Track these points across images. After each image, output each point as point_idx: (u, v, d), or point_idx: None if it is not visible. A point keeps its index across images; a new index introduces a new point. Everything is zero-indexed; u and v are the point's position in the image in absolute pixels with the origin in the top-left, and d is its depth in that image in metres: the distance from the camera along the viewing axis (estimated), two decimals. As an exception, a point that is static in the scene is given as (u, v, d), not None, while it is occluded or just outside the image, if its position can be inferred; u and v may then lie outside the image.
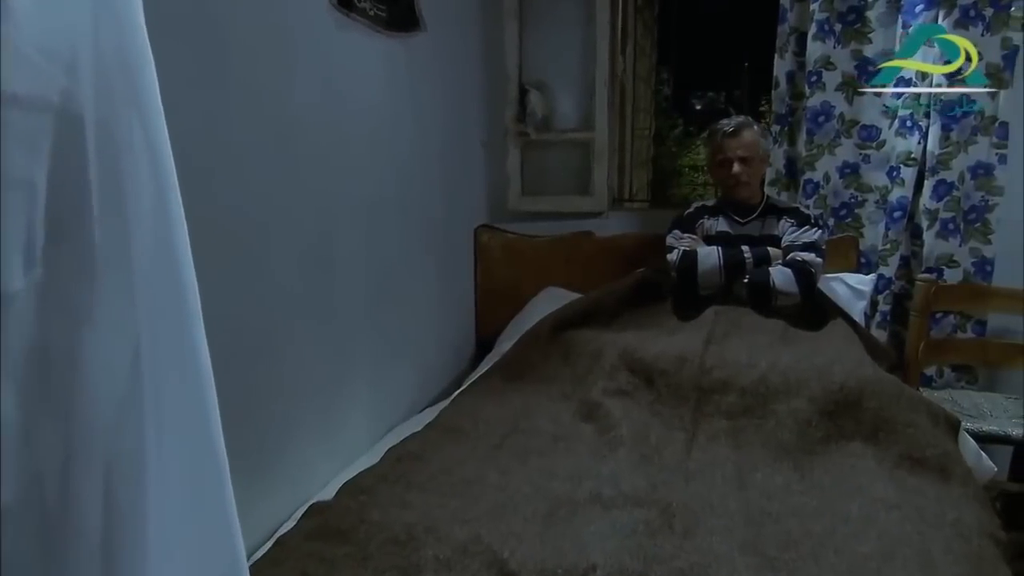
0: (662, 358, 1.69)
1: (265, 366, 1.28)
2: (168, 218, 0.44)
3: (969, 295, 2.18)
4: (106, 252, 0.37)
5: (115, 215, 0.39)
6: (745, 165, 2.01)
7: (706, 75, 5.97)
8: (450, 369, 2.30)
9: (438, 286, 2.18)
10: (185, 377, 0.47)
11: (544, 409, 1.68)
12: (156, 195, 0.42)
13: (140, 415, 0.41)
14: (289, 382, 1.36)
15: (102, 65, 0.37)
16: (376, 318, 1.74)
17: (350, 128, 1.57)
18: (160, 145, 0.43)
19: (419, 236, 2.00)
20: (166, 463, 0.43)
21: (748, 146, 2.00)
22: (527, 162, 2.55)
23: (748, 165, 2.01)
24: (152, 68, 0.42)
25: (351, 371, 1.62)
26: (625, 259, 2.37)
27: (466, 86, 2.36)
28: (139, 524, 0.40)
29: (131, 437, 0.40)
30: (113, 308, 0.38)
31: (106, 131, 0.38)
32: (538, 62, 2.48)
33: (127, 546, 0.40)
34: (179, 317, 0.46)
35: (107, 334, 0.38)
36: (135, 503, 0.40)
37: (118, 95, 0.39)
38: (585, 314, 2.06)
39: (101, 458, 0.38)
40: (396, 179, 1.82)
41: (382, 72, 1.72)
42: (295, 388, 1.38)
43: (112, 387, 0.39)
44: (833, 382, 1.56)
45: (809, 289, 1.94)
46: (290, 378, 1.36)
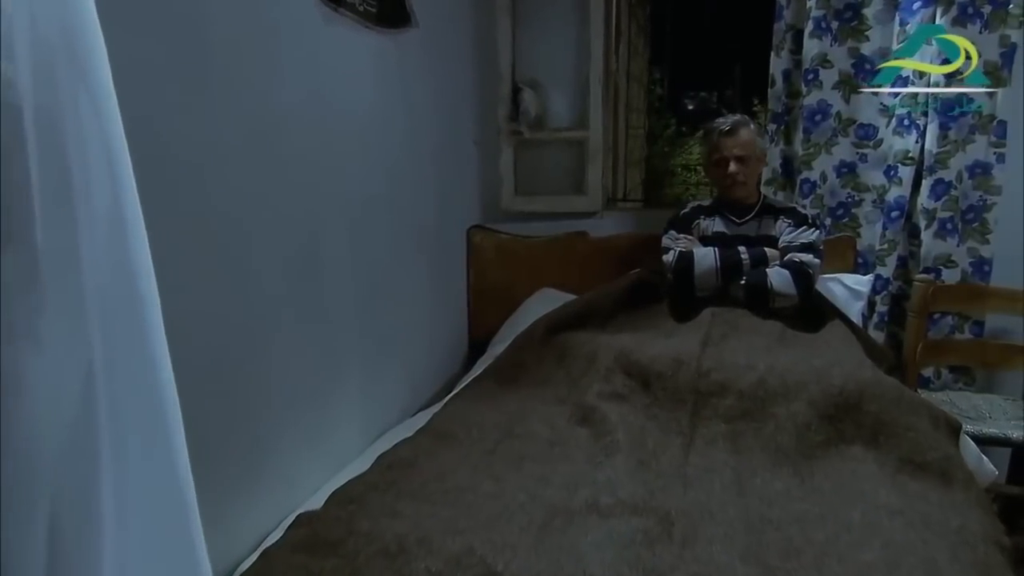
0: (658, 361, 1.66)
1: (251, 371, 1.24)
2: (124, 221, 0.39)
3: (967, 296, 2.15)
4: (52, 259, 0.33)
5: (62, 217, 0.34)
6: (741, 164, 1.98)
7: (699, 75, 5.99)
8: (442, 372, 2.27)
9: (430, 288, 2.15)
10: (145, 400, 0.42)
11: (538, 413, 1.65)
12: (111, 194, 0.38)
13: (94, 444, 0.36)
14: (276, 387, 1.32)
15: (42, 45, 0.32)
16: (366, 321, 1.70)
17: (338, 126, 1.53)
18: (115, 138, 0.39)
19: (410, 237, 1.96)
20: (124, 496, 0.39)
21: (744, 145, 1.97)
22: (520, 161, 2.52)
23: (744, 164, 1.98)
24: (103, 48, 0.38)
25: (341, 375, 1.58)
26: (620, 260, 2.35)
27: (458, 84, 2.33)
28: (91, 566, 0.36)
29: (83, 469, 0.35)
30: (61, 323, 0.34)
31: (49, 120, 0.33)
32: (531, 60, 2.44)
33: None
34: (137, 334, 0.41)
35: (55, 353, 0.33)
36: (87, 543, 0.36)
37: (62, 79, 0.34)
38: (580, 316, 2.03)
39: (46, 494, 0.33)
40: (386, 179, 1.78)
41: (371, 69, 1.68)
42: (282, 393, 1.34)
43: (61, 413, 0.34)
44: (832, 385, 1.53)
45: (807, 290, 1.91)
46: (277, 383, 1.32)
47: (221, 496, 1.15)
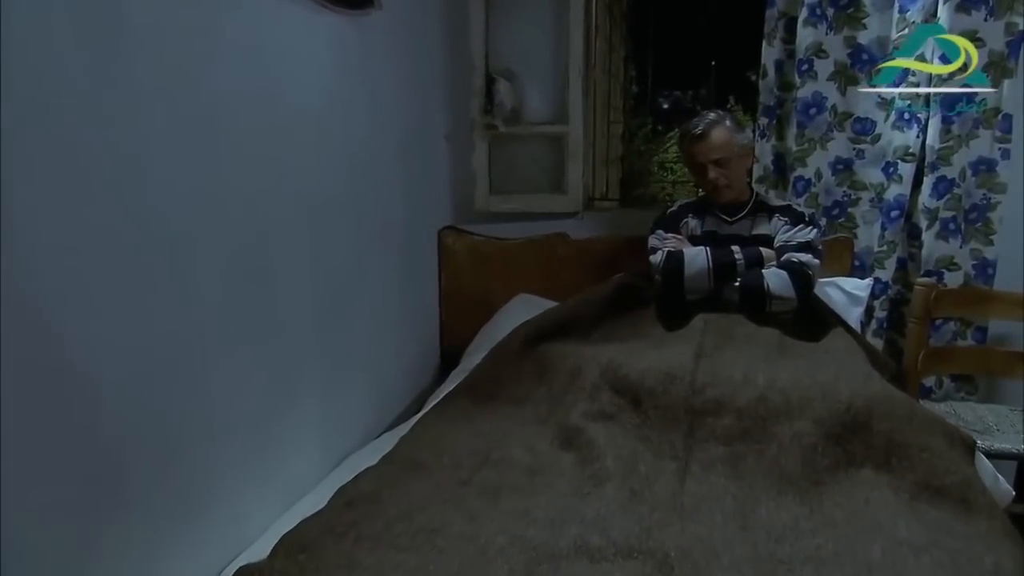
0: (649, 375, 1.54)
1: (185, 398, 1.09)
2: None
3: (971, 300, 2.08)
4: None
5: None
6: (721, 168, 1.88)
7: (675, 73, 5.98)
8: (412, 386, 2.14)
9: (398, 295, 2.01)
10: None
11: (517, 436, 1.52)
12: None
13: None
14: (218, 414, 1.17)
15: None
16: (326, 332, 1.55)
17: (291, 117, 1.39)
18: None
19: (375, 240, 1.82)
20: None
21: (720, 147, 1.86)
22: (495, 158, 2.41)
23: (725, 167, 1.88)
24: None
25: (296, 395, 1.43)
26: (603, 263, 2.27)
27: (427, 73, 2.20)
28: None
29: None
30: None
31: None
32: (507, 49, 2.32)
33: None
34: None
35: None
36: None
37: None
38: (561, 324, 1.90)
39: None
40: (347, 176, 1.64)
41: (328, 54, 1.54)
42: (226, 419, 1.19)
43: None
44: (839, 401, 1.43)
45: (806, 293, 1.81)
46: (219, 409, 1.17)
47: (149, 551, 1.00)
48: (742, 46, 2.87)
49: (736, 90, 4.45)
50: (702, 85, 6.47)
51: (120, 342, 0.94)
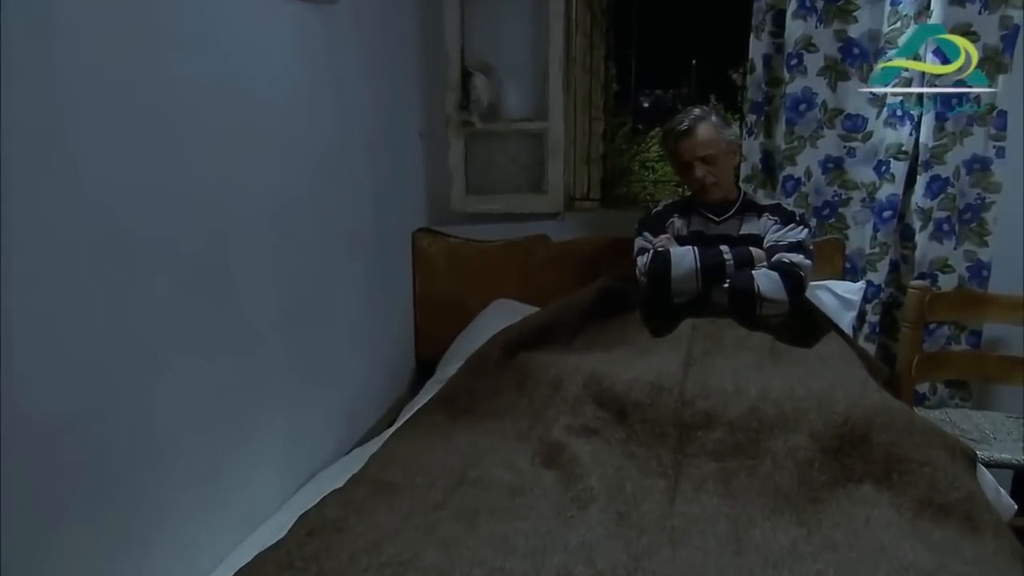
0: (635, 386, 1.48)
1: (128, 418, 1.00)
2: None
3: (965, 303, 2.03)
4: None
5: None
6: (709, 165, 1.82)
7: (657, 71, 5.99)
8: (385, 398, 2.06)
9: (369, 301, 1.93)
10: None
11: (496, 453, 1.45)
12: None
13: None
14: (165, 435, 1.08)
15: None
16: (291, 344, 1.47)
17: (252, 113, 1.31)
18: None
19: (344, 243, 1.74)
20: None
21: (706, 144, 1.81)
22: (472, 156, 2.34)
23: (712, 164, 1.82)
24: None
25: (258, 412, 1.35)
26: (585, 266, 2.21)
27: (399, 67, 2.12)
28: None
29: None
30: None
31: None
32: (483, 42, 2.25)
33: None
34: None
35: None
36: None
37: None
38: (542, 332, 1.83)
39: None
40: (313, 176, 1.56)
41: (292, 45, 1.45)
42: (174, 442, 1.10)
43: None
44: (836, 413, 1.38)
45: (798, 295, 1.75)
46: (166, 430, 1.09)
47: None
48: (725, 43, 2.83)
49: (718, 89, 4.41)
50: (683, 84, 6.45)
51: (50, 354, 0.85)
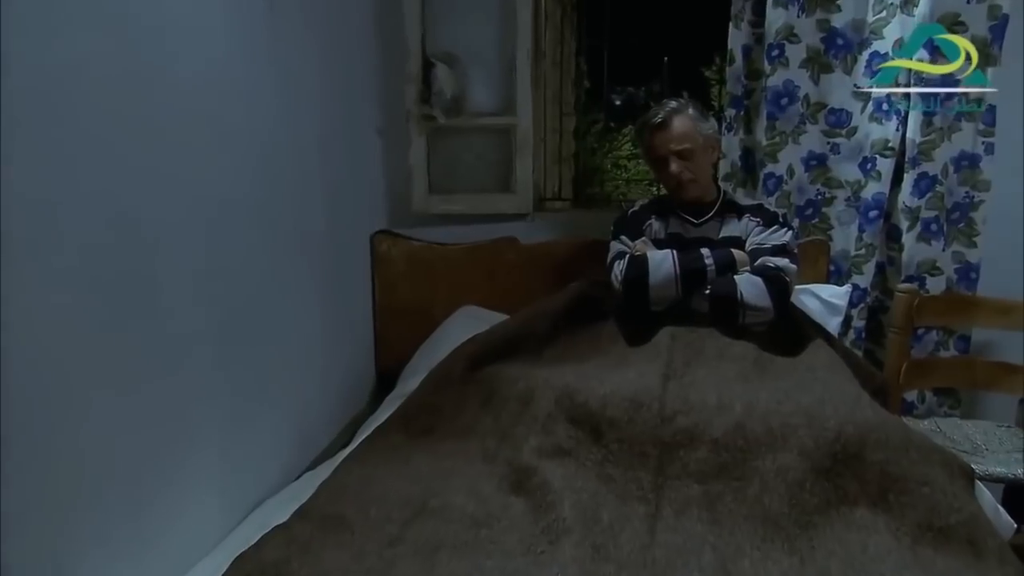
0: (611, 402, 1.40)
1: (23, 458, 0.88)
2: None
3: (955, 307, 1.99)
4: None
5: None
6: (685, 161, 1.75)
7: (628, 68, 5.99)
8: (341, 415, 1.95)
9: (322, 310, 1.82)
10: None
11: (460, 478, 1.35)
12: None
13: None
14: (68, 474, 0.96)
15: None
16: (228, 360, 1.36)
17: (177, 104, 1.19)
18: None
19: (292, 247, 1.63)
20: None
21: (683, 137, 1.74)
22: (435, 153, 2.27)
23: (689, 160, 1.75)
24: None
25: (190, 439, 1.23)
26: (557, 270, 2.16)
27: (355, 57, 2.03)
28: None
29: None
30: None
31: None
32: (446, 30, 2.17)
33: None
34: None
35: None
36: None
37: None
38: (510, 342, 1.74)
39: None
40: (254, 174, 1.45)
41: (227, 29, 1.34)
42: (84, 481, 0.98)
43: None
44: (826, 429, 1.31)
45: (783, 302, 1.68)
46: (70, 467, 0.96)
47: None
48: (700, 36, 2.78)
49: (690, 86, 4.38)
50: (655, 81, 6.41)
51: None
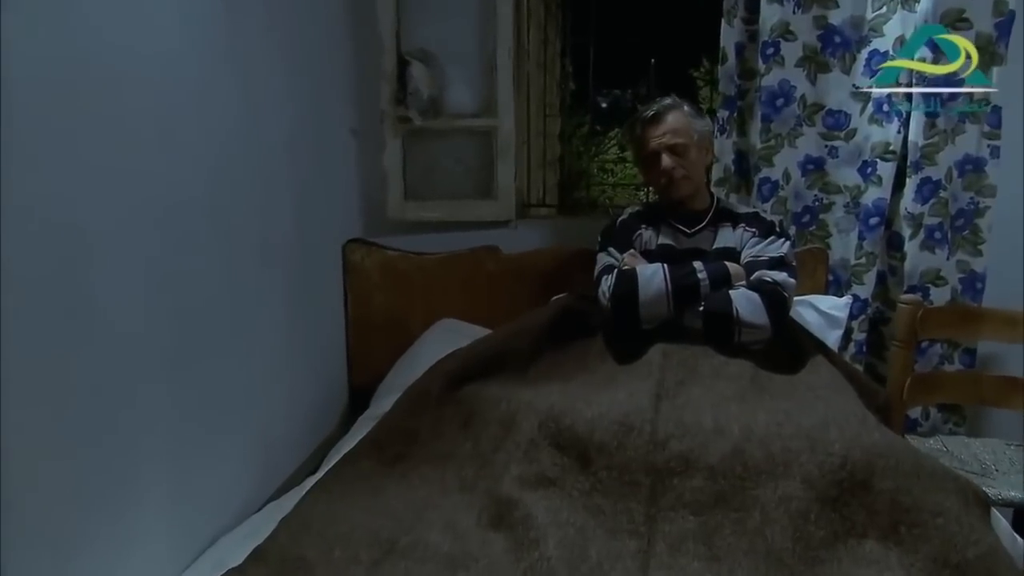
0: (600, 426, 1.33)
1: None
2: None
3: (961, 319, 1.94)
4: None
5: None
6: (678, 156, 1.70)
7: (614, 70, 5.99)
8: (309, 438, 1.87)
9: (289, 324, 1.74)
10: None
11: (435, 510, 1.27)
12: None
13: None
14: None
15: None
16: (182, 382, 1.27)
17: (120, 98, 1.10)
18: None
19: (256, 256, 1.55)
20: None
21: (677, 131, 1.70)
22: (411, 156, 2.22)
23: (682, 156, 1.70)
24: None
25: (135, 472, 1.14)
26: (541, 281, 2.12)
27: (325, 53, 1.96)
28: None
29: None
30: None
31: None
32: (423, 26, 2.12)
33: None
34: None
35: None
36: None
37: None
38: (491, 360, 1.66)
39: None
40: (210, 177, 1.36)
41: (180, 21, 1.26)
42: (12, 527, 0.89)
43: None
44: (831, 454, 1.25)
45: (782, 319, 1.61)
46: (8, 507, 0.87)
47: None
48: (686, 37, 2.74)
49: (677, 88, 4.36)
50: (641, 83, 6.37)
51: None
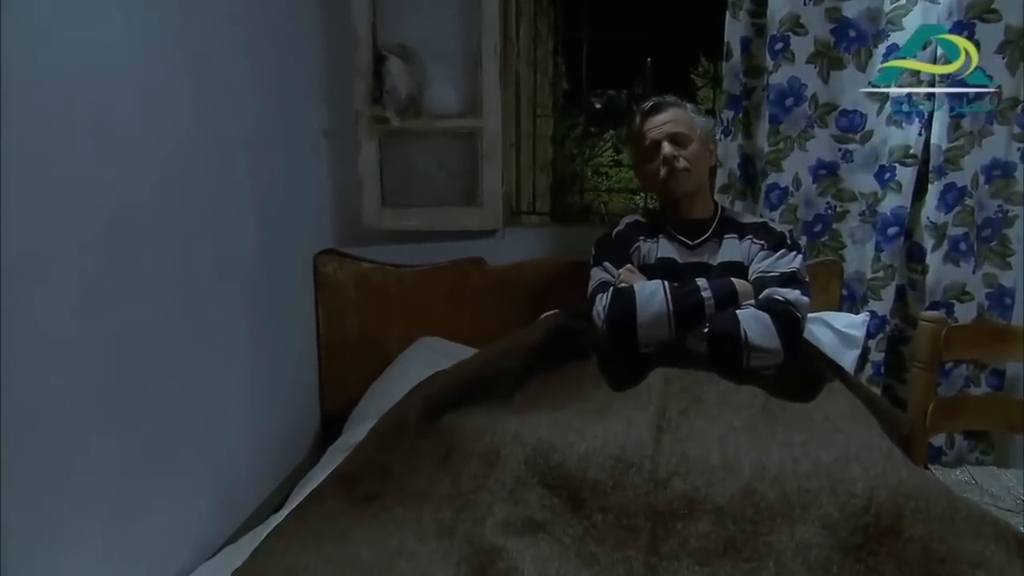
0: (594, 462, 1.24)
1: None
2: None
3: (989, 338, 1.86)
4: None
5: None
6: (680, 147, 1.67)
7: (610, 69, 5.99)
8: (274, 470, 1.77)
9: (252, 345, 1.65)
10: None
11: (409, 560, 1.18)
12: None
13: None
14: None
15: None
16: (122, 417, 1.18)
17: (51, 95, 1.01)
18: None
19: (212, 270, 1.47)
20: None
21: (678, 120, 1.70)
22: (388, 160, 2.16)
23: (684, 147, 1.67)
24: None
25: (63, 523, 1.04)
26: (531, 296, 2.08)
27: (294, 48, 1.88)
28: None
29: None
30: None
31: None
32: (401, 18, 2.07)
33: None
34: None
35: None
36: None
37: None
38: (474, 385, 1.56)
39: None
40: (159, 182, 1.27)
41: (120, 8, 1.16)
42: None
43: None
44: (854, 496, 1.16)
45: (795, 342, 1.52)
46: None
47: None
48: (685, 33, 2.71)
49: (677, 89, 4.34)
50: (637, 83, 6.33)
51: None
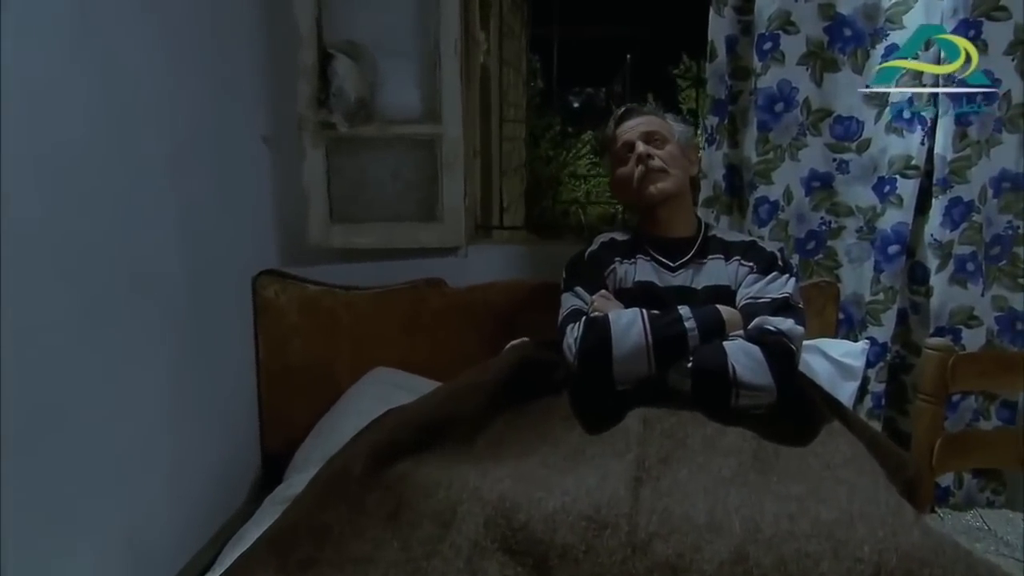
0: (563, 523, 1.14)
1: None
2: None
3: (997, 367, 1.81)
4: None
5: None
6: (654, 147, 1.63)
7: (587, 66, 5.96)
8: (202, 526, 1.67)
9: (175, 377, 1.57)
10: None
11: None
12: None
13: None
14: None
15: None
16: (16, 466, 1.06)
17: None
18: None
19: (125, 294, 1.38)
20: None
21: (652, 122, 1.69)
22: (337, 170, 2.09)
23: (660, 147, 1.64)
24: None
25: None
26: (496, 322, 2.01)
27: (229, 44, 1.82)
28: None
29: None
30: None
31: None
32: (350, 13, 2.01)
33: None
34: None
35: None
36: None
37: None
38: (430, 428, 1.45)
39: None
40: (58, 194, 1.17)
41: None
42: None
43: None
44: (860, 561, 1.07)
45: (789, 378, 1.43)
46: None
47: None
48: (667, 29, 2.67)
49: (657, 86, 4.32)
50: (616, 81, 6.33)
51: None
